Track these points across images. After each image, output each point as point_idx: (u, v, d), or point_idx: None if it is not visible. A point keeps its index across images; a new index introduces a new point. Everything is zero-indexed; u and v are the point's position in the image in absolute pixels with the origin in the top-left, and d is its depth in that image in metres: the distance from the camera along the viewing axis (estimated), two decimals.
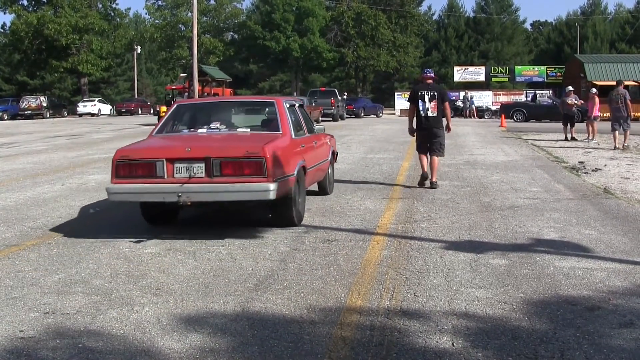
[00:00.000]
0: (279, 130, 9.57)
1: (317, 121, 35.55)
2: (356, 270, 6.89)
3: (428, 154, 12.98)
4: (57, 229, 9.39)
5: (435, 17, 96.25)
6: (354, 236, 8.53)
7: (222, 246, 8.01)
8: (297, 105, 11.22)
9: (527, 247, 7.90)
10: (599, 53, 76.50)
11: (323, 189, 12.05)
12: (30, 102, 61.21)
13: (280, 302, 5.90)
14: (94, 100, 70.60)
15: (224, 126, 10.09)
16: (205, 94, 43.29)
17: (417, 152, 13.27)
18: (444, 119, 12.95)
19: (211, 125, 10.00)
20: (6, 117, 58.34)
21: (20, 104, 60.92)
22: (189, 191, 8.21)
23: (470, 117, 54.26)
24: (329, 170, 12.12)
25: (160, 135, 9.93)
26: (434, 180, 12.77)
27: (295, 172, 9.03)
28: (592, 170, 15.56)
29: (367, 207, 10.73)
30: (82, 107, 67.08)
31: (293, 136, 9.72)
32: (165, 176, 8.36)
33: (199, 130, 9.89)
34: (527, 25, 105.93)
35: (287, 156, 8.96)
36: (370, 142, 24.92)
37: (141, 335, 5.13)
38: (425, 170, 12.83)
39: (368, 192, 12.26)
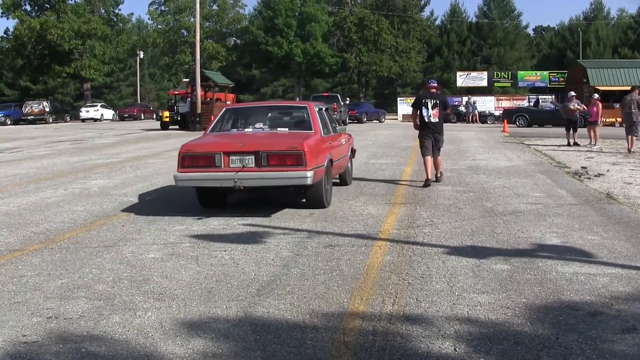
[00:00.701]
0: (311, 130, 11.60)
1: None
2: (359, 275, 6.89)
3: (431, 156, 14.00)
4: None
5: (437, 22, 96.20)
6: (357, 241, 8.53)
7: (225, 251, 8.02)
8: (324, 109, 13.16)
9: (530, 252, 7.90)
10: (602, 58, 76.47)
11: (343, 180, 13.85)
12: (33, 107, 61.36)
13: (283, 307, 5.90)
14: (97, 105, 70.72)
15: (266, 126, 12.19)
16: (208, 99, 43.27)
17: (422, 155, 14.26)
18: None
19: (255, 126, 12.09)
20: (9, 122, 58.52)
21: (23, 109, 61.13)
22: (242, 178, 10.13)
23: (473, 122, 54.28)
24: (349, 164, 14.04)
25: (214, 134, 11.91)
26: (438, 175, 14.24)
27: (325, 164, 10.94)
28: (595, 176, 15.55)
29: (370, 212, 10.73)
30: (84, 112, 67.21)
31: (322, 135, 11.71)
32: (222, 166, 10.29)
33: (246, 130, 11.98)
34: (530, 31, 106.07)
35: (319, 151, 10.89)
36: (373, 147, 24.93)
37: (144, 340, 5.14)
38: (430, 177, 13.86)
39: (370, 198, 12.27)
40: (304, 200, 11.15)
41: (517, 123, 45.44)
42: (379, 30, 74.13)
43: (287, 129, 11.92)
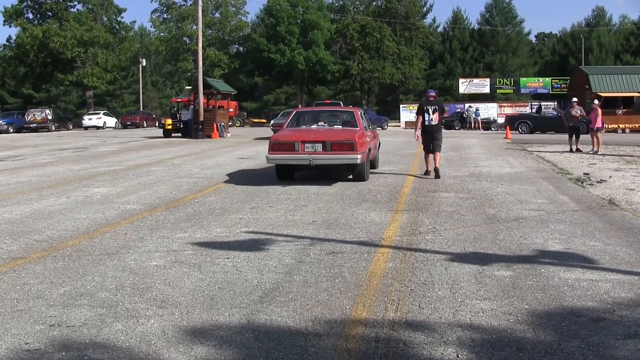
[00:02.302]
0: (357, 127, 16.64)
1: None
2: (361, 282, 6.89)
3: (431, 153, 16.92)
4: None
5: (440, 29, 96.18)
6: (359, 248, 8.54)
7: (227, 258, 8.02)
8: (362, 112, 18.63)
9: (532, 258, 7.90)
10: (604, 64, 76.52)
11: (373, 165, 18.42)
12: (36, 115, 61.48)
13: (286, 314, 5.91)
14: (99, 113, 70.82)
15: (326, 124, 17.29)
16: (211, 107, 43.29)
17: (423, 152, 17.40)
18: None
19: (318, 123, 17.28)
20: (12, 130, 58.58)
21: (25, 117, 61.24)
22: (314, 159, 15.02)
23: (475, 129, 54.54)
24: (377, 153, 19.21)
25: (290, 129, 16.96)
26: (437, 166, 16.80)
27: (367, 151, 15.69)
28: (597, 182, 15.55)
29: (372, 219, 10.74)
30: (87, 120, 67.33)
31: (364, 131, 16.60)
32: (300, 150, 15.18)
33: (312, 126, 17.06)
34: (532, 37, 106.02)
35: (363, 142, 15.59)
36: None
37: (146, 348, 5.15)
38: (430, 169, 17.01)
39: (373, 205, 12.28)
40: (350, 176, 15.87)
41: (520, 130, 45.43)
42: (381, 37, 74.25)
43: (340, 126, 17.16)
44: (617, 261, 7.75)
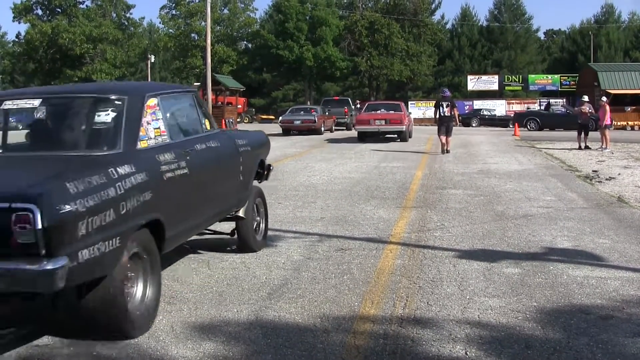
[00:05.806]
0: (402, 112, 31.66)
1: (331, 130, 36.51)
2: (369, 279, 6.90)
3: (444, 136, 23.18)
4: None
5: (448, 26, 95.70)
6: (368, 245, 8.54)
7: (236, 255, 8.03)
8: (402, 103, 34.77)
9: (541, 256, 7.89)
10: (613, 61, 76.22)
11: (410, 134, 31.61)
12: None
13: (294, 310, 5.91)
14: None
15: (384, 110, 31.49)
16: (219, 103, 43.30)
17: (438, 135, 23.69)
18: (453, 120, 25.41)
19: (380, 110, 31.71)
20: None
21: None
22: (380, 129, 30.09)
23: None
24: (411, 128, 33.12)
25: (365, 113, 32.20)
26: (448, 149, 23.19)
27: (409, 124, 31.97)
28: (606, 179, 15.51)
29: (381, 215, 10.73)
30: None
31: (406, 114, 32.26)
32: (373, 124, 30.10)
33: (377, 111, 31.43)
34: (541, 34, 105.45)
35: (406, 120, 30.93)
36: (383, 150, 24.90)
37: (155, 344, 5.16)
38: (443, 148, 23.02)
39: (381, 201, 12.27)
40: (398, 140, 29.84)
41: (528, 127, 45.29)
42: (390, 34, 74.03)
43: (393, 111, 30.63)
44: (626, 259, 7.74)
